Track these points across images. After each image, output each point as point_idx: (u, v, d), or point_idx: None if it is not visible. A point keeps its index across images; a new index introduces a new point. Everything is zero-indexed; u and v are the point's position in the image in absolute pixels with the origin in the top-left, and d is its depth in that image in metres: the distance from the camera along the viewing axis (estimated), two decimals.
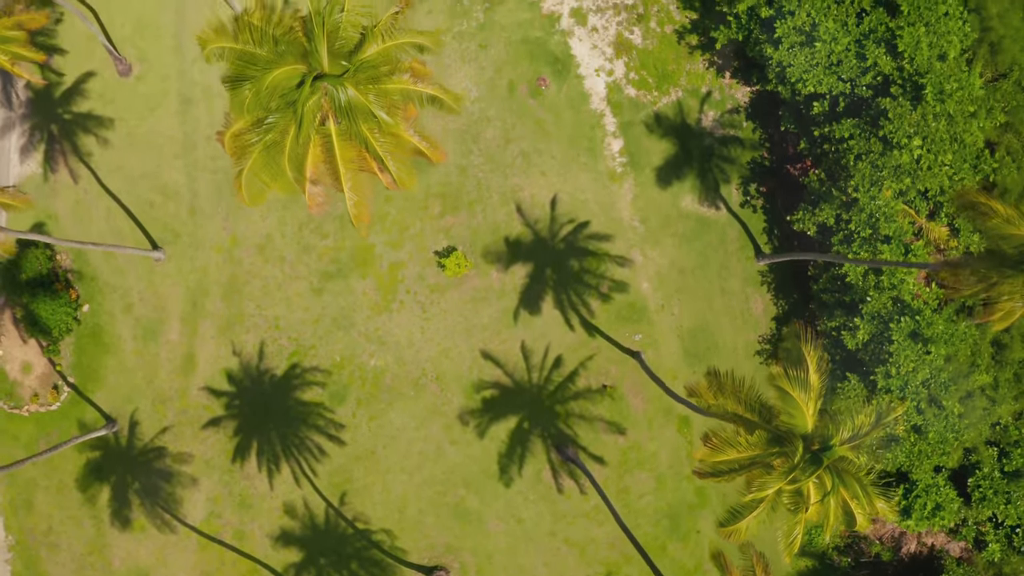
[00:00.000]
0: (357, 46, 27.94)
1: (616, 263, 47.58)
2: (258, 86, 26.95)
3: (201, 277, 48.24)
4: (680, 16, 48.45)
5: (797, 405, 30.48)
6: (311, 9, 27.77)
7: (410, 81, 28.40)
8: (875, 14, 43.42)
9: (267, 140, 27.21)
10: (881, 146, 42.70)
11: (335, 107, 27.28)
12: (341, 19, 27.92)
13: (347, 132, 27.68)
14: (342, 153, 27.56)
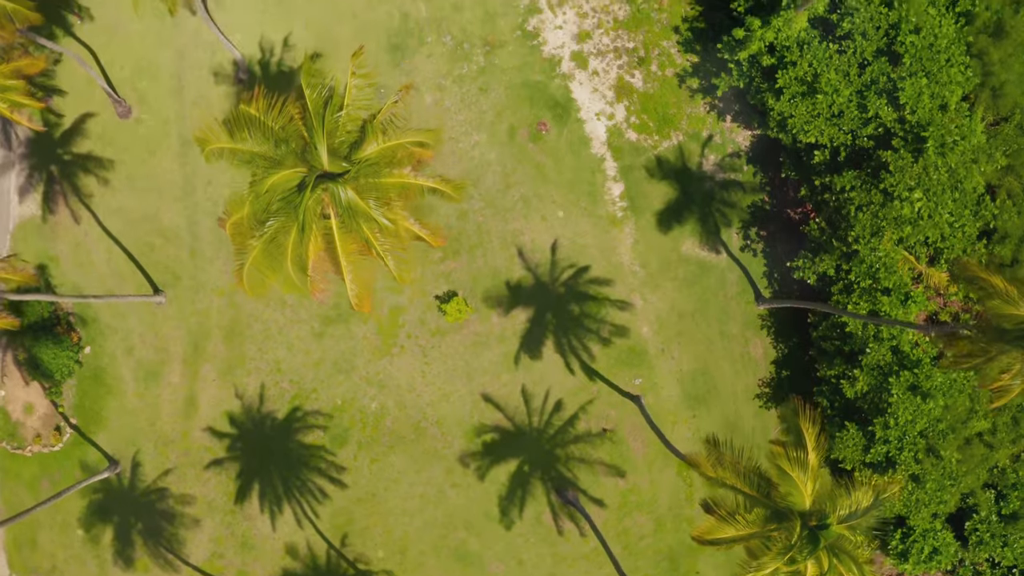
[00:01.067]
0: (357, 143, 27.87)
1: (616, 307, 47.68)
2: (258, 189, 26.94)
3: (202, 320, 48.34)
4: (681, 59, 48.27)
5: (795, 483, 30.70)
6: (310, 110, 27.64)
7: (410, 175, 28.36)
8: (877, 64, 43.28)
9: (268, 239, 27.22)
10: (882, 198, 42.70)
11: (336, 203, 27.28)
12: (340, 117, 27.81)
13: (348, 226, 27.70)
14: (343, 246, 27.62)
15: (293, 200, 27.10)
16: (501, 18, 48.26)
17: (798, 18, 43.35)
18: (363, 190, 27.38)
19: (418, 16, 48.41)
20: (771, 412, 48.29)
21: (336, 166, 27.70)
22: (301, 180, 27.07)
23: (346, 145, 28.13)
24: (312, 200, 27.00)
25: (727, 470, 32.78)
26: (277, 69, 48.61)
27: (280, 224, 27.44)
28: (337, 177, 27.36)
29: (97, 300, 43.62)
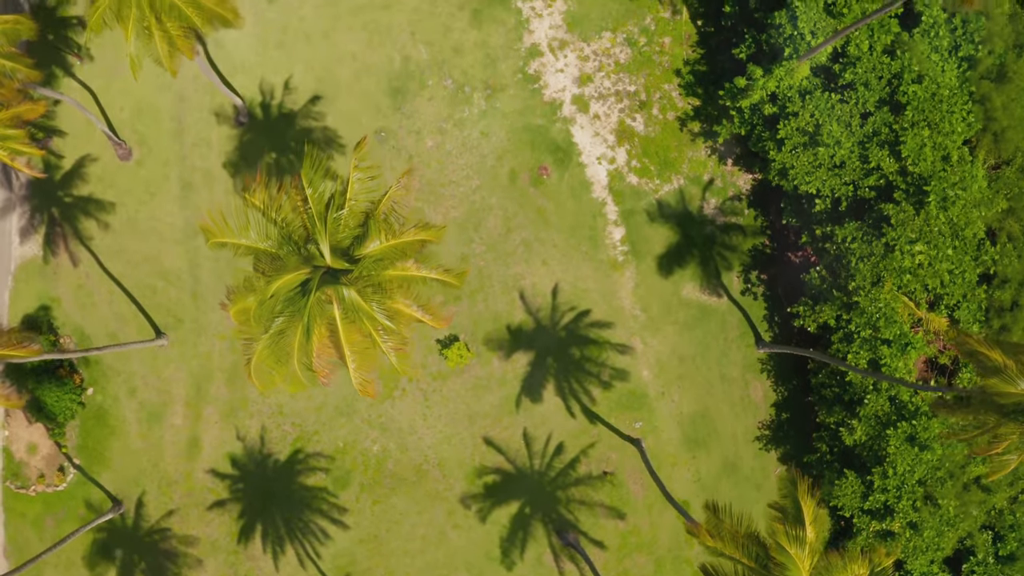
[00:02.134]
0: (360, 237, 27.92)
1: (617, 351, 47.84)
2: (263, 295, 27.03)
3: (204, 363, 48.52)
4: (683, 103, 48.17)
5: (794, 561, 30.96)
6: (313, 210, 27.67)
7: (413, 268, 28.43)
8: (879, 114, 43.21)
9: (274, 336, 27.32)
10: (883, 249, 42.76)
11: (339, 300, 27.34)
12: (343, 215, 27.85)
13: (351, 318, 27.81)
14: (346, 336, 27.73)
15: (297, 303, 27.21)
16: (502, 61, 48.14)
17: (800, 67, 43.24)
18: (366, 290, 27.45)
19: (419, 59, 48.29)
20: (771, 454, 48.57)
21: (339, 262, 27.78)
22: (305, 281, 27.15)
23: (349, 239, 28.21)
24: (316, 302, 27.08)
25: (726, 540, 33.02)
26: (278, 112, 48.53)
27: (285, 324, 27.55)
28: (340, 275, 27.44)
29: (102, 351, 43.74)
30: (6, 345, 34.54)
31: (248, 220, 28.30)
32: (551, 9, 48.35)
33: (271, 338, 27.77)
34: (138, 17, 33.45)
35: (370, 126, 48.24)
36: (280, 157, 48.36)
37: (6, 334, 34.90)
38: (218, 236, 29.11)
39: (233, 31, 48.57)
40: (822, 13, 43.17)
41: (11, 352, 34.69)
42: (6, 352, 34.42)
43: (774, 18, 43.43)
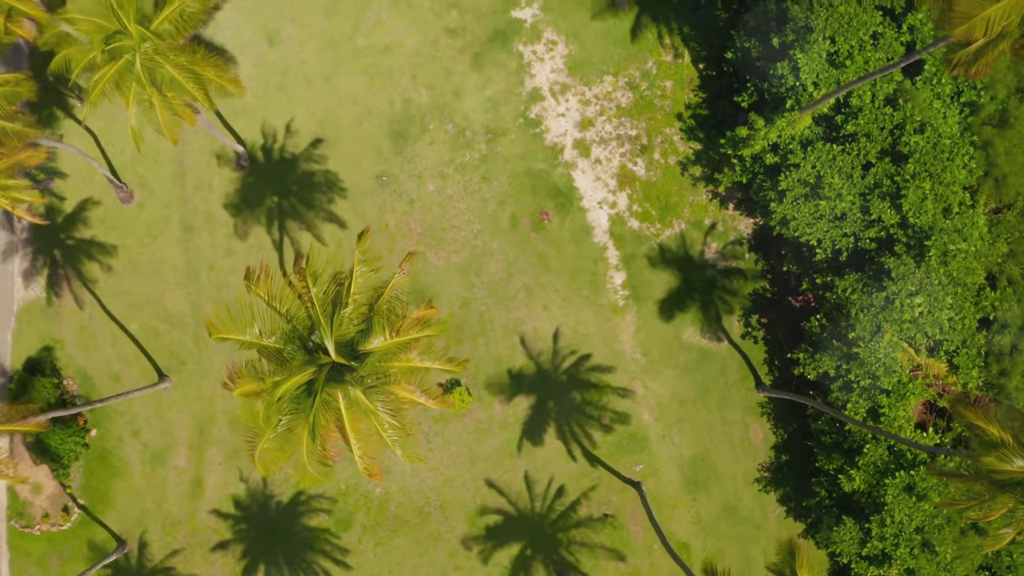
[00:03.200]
0: (364, 331, 28.07)
1: (618, 394, 48.09)
2: (270, 397, 27.21)
3: (207, 405, 48.78)
4: (684, 147, 48.17)
5: None
6: (318, 310, 27.80)
7: (417, 359, 28.62)
8: (880, 166, 43.25)
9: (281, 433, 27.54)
10: (883, 301, 42.88)
11: (345, 396, 27.54)
12: (346, 313, 27.98)
13: (356, 413, 28.01)
14: (352, 426, 27.95)
15: (303, 402, 27.41)
16: (503, 106, 48.10)
17: (802, 118, 43.25)
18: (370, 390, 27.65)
19: (420, 103, 48.25)
20: (770, 495, 48.88)
21: (343, 357, 27.96)
22: (310, 381, 27.33)
23: (353, 332, 28.36)
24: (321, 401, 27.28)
25: None
26: (279, 155, 48.55)
27: (291, 422, 27.77)
28: (345, 372, 27.65)
29: (106, 402, 44.01)
30: (12, 421, 34.77)
31: (252, 314, 28.42)
32: (552, 53, 48.27)
33: (277, 435, 28.01)
34: (138, 90, 33.43)
35: (371, 170, 48.28)
36: (282, 201, 48.43)
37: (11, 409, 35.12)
38: (222, 332, 29.27)
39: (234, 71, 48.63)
40: (824, 64, 43.12)
41: (18, 428, 34.92)
42: (13, 428, 34.65)
43: (776, 69, 43.37)
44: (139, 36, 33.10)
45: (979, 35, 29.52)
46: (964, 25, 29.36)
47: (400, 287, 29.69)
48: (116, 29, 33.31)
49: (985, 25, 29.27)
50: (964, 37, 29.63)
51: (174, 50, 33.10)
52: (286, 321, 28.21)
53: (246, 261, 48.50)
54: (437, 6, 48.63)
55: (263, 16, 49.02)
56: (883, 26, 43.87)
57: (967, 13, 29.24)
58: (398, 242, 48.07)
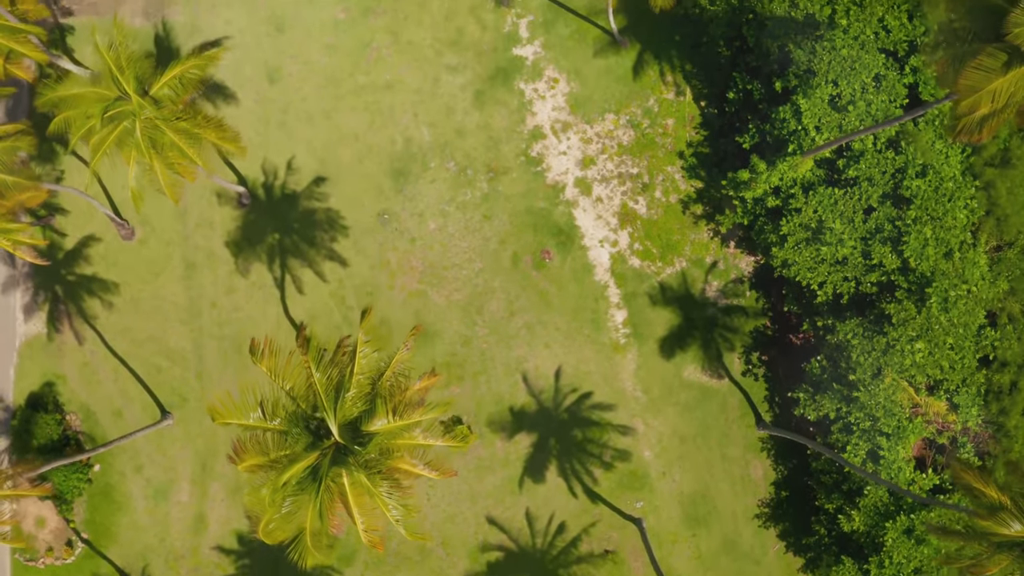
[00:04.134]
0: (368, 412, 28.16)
1: (618, 432, 48.27)
2: (274, 483, 27.34)
3: (210, 441, 48.96)
4: (686, 185, 48.17)
5: None
6: (321, 395, 27.88)
7: (420, 436, 28.75)
8: (882, 210, 43.24)
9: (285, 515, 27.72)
10: (884, 345, 43.00)
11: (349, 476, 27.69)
12: (349, 397, 28.09)
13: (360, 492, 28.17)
14: (356, 500, 28.11)
15: (308, 486, 27.57)
16: (505, 144, 48.05)
17: (804, 162, 43.23)
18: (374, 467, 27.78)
19: (421, 141, 48.20)
20: (770, 531, 49.14)
21: (347, 439, 28.08)
22: (315, 465, 27.46)
23: (357, 411, 28.46)
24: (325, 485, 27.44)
25: None
26: (280, 193, 48.52)
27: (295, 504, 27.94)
28: (348, 454, 27.77)
29: (109, 446, 44.18)
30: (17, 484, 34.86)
31: (254, 397, 28.52)
32: (554, 91, 48.17)
33: (282, 515, 28.18)
34: (138, 155, 33.41)
35: (373, 208, 48.28)
36: (283, 238, 48.45)
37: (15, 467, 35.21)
38: (225, 417, 29.39)
39: (235, 109, 48.66)
40: (826, 107, 43.05)
41: (24, 493, 35.04)
42: (19, 493, 34.75)
43: (778, 112, 43.31)
44: (139, 106, 33.04)
45: (985, 107, 29.54)
46: (970, 98, 29.37)
47: (403, 362, 29.77)
48: (117, 96, 33.22)
49: (991, 97, 29.27)
50: (969, 109, 29.61)
51: (174, 114, 33.04)
52: (290, 399, 28.34)
53: (248, 298, 48.63)
54: (438, 44, 48.51)
55: (263, 53, 48.89)
56: (886, 68, 43.79)
57: (974, 86, 29.24)
58: (399, 280, 48.14)
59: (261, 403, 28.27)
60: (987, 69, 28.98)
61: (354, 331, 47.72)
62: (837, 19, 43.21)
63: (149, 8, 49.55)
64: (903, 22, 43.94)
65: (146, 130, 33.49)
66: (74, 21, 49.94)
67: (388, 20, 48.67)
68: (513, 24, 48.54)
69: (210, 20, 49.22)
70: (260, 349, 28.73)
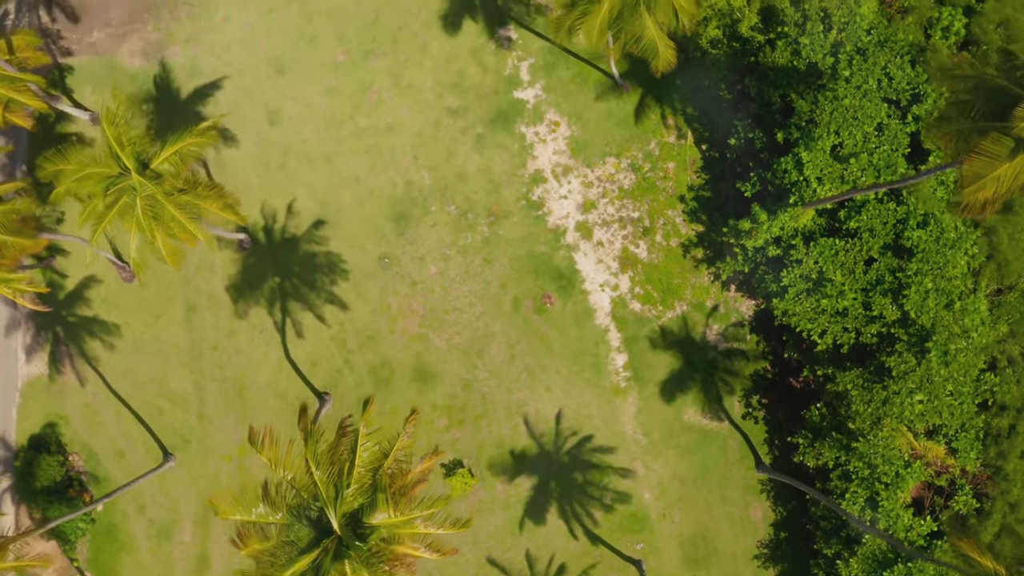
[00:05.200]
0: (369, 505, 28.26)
1: (619, 475, 48.47)
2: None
3: (212, 483, 49.15)
4: (687, 229, 48.13)
5: None
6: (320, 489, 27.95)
7: (421, 526, 28.88)
8: (883, 260, 43.24)
9: None
10: (884, 396, 43.12)
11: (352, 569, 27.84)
12: (349, 492, 28.19)
13: None
14: None
15: None
16: (505, 187, 47.97)
17: (805, 213, 43.20)
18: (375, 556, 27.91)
19: (422, 184, 48.11)
20: (769, 571, 49.46)
21: (348, 533, 28.18)
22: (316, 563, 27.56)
23: (358, 503, 28.55)
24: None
25: None
26: (281, 236, 48.47)
27: None
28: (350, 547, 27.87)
29: (113, 496, 44.39)
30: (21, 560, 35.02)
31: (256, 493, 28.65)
32: (555, 134, 48.04)
33: None
34: (140, 230, 33.40)
35: (373, 251, 48.25)
36: (284, 282, 48.45)
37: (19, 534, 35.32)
38: (228, 513, 29.53)
39: (236, 151, 48.57)
40: (828, 158, 42.96)
41: (26, 564, 35.21)
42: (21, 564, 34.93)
43: (779, 163, 43.21)
44: (140, 184, 32.99)
45: (989, 192, 29.50)
46: (974, 185, 29.32)
47: (404, 448, 29.87)
48: (118, 172, 33.17)
49: (995, 183, 29.23)
50: (973, 195, 29.57)
51: (175, 187, 33.00)
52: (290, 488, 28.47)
53: (249, 341, 48.68)
54: (439, 86, 48.32)
55: (263, 95, 48.71)
56: (888, 116, 43.66)
57: (978, 172, 29.19)
58: (400, 323, 48.19)
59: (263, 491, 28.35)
60: (991, 155, 28.91)
61: (355, 374, 48.31)
62: (840, 69, 43.03)
63: (148, 49, 49.32)
64: (906, 71, 43.77)
65: (147, 207, 33.47)
66: (73, 61, 49.72)
67: (389, 62, 48.46)
68: (514, 67, 48.35)
69: (210, 61, 49.02)
70: (260, 439, 28.80)
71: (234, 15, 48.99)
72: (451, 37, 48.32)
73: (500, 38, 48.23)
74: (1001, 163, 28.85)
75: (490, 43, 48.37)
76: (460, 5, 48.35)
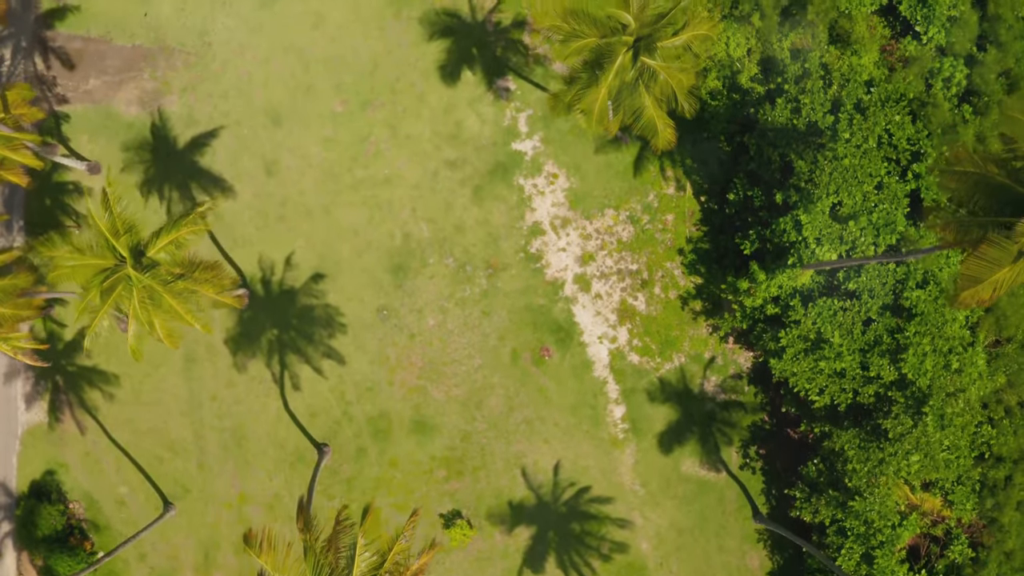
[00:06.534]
0: None
1: (616, 525, 48.71)
2: None
3: (212, 531, 49.41)
4: (685, 281, 48.05)
5: None
6: None
7: None
8: (882, 321, 43.21)
9: None
10: (880, 456, 43.27)
11: None
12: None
13: None
14: None
15: None
16: (504, 240, 47.85)
17: (804, 274, 43.12)
18: None
19: (420, 236, 47.99)
20: None
21: None
22: None
23: None
24: None
25: None
26: (279, 288, 48.40)
27: None
28: None
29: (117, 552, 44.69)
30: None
31: None
32: (553, 186, 47.86)
33: None
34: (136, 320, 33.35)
35: (372, 303, 48.21)
36: (282, 334, 48.44)
37: None
38: None
39: (234, 203, 48.40)
40: (827, 219, 42.82)
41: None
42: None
43: (778, 224, 43.07)
44: (136, 279, 32.90)
45: (986, 294, 29.44)
46: (971, 290, 29.26)
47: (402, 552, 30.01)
48: (113, 263, 33.06)
49: (993, 287, 29.17)
50: (970, 297, 29.52)
51: (171, 275, 32.91)
52: None
53: (248, 392, 48.76)
54: (437, 138, 48.07)
55: (261, 145, 48.47)
56: (888, 175, 43.49)
57: (976, 276, 29.11)
58: (398, 375, 48.24)
59: None
60: (990, 260, 28.81)
61: (353, 425, 48.42)
62: (840, 131, 42.77)
63: (145, 97, 49.01)
64: (906, 128, 43.51)
65: (143, 298, 33.40)
66: (69, 109, 49.41)
67: (386, 113, 48.19)
68: (512, 118, 48.07)
69: (206, 111, 48.74)
70: (258, 542, 28.92)
71: (231, 64, 48.65)
72: (449, 87, 48.02)
73: (498, 89, 47.93)
74: (1000, 268, 28.77)
75: (488, 94, 48.07)
76: (458, 55, 48.01)
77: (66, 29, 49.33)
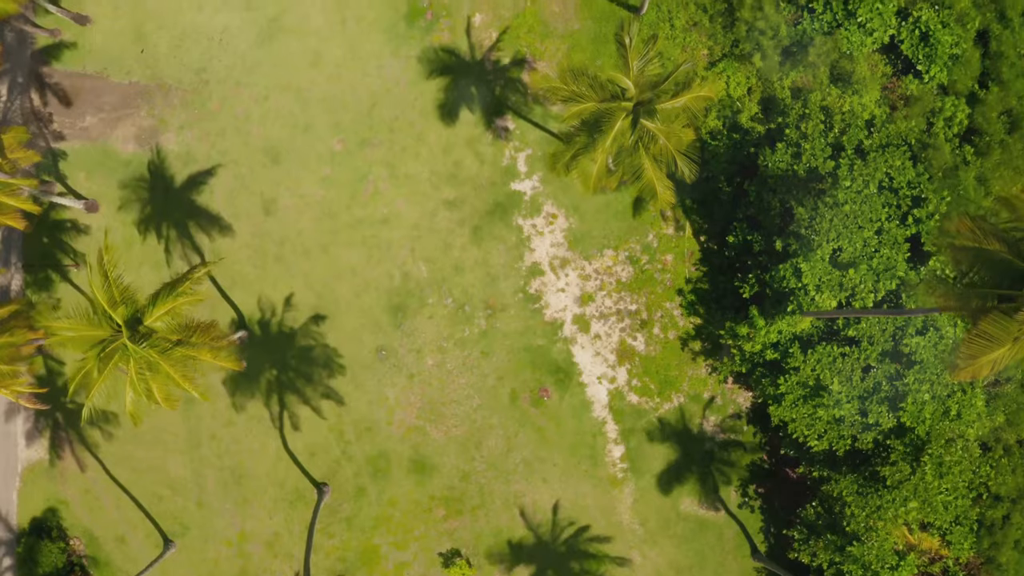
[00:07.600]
0: None
1: (615, 563, 48.82)
2: None
3: (212, 569, 49.57)
4: (684, 321, 47.94)
5: None
6: None
7: None
8: (881, 368, 43.10)
9: None
10: (879, 502, 43.29)
11: None
12: None
13: None
14: None
15: None
16: (503, 280, 47.71)
17: (803, 320, 42.99)
18: None
19: (419, 277, 47.85)
20: None
21: None
22: None
23: None
24: None
25: None
26: (277, 328, 48.31)
27: None
28: None
29: None
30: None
31: None
32: (552, 227, 47.67)
33: None
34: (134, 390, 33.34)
35: (371, 344, 48.13)
36: (281, 375, 48.39)
37: None
38: None
39: (232, 242, 48.25)
40: (827, 266, 42.62)
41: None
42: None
43: (778, 270, 42.89)
44: (134, 351, 32.83)
45: (985, 372, 29.33)
46: (970, 367, 29.15)
47: None
48: (111, 333, 32.97)
49: (992, 365, 29.06)
50: (969, 374, 29.42)
51: (169, 342, 32.83)
52: None
53: (247, 431, 48.78)
54: (435, 177, 47.85)
55: (259, 184, 48.26)
56: (888, 220, 43.26)
57: (975, 354, 29.00)
58: (397, 415, 48.23)
59: None
60: (989, 338, 28.69)
61: (352, 465, 48.45)
62: (841, 176, 42.51)
63: (142, 135, 48.76)
64: (907, 171, 43.23)
65: (141, 368, 33.36)
66: (66, 146, 49.18)
67: (385, 152, 47.95)
68: (511, 157, 47.84)
69: (204, 149, 48.50)
70: None
71: (228, 102, 48.37)
72: (448, 127, 47.75)
73: (497, 128, 47.67)
74: (1000, 347, 28.65)
75: (487, 133, 47.81)
76: (457, 94, 47.72)
77: (62, 66, 49.03)
